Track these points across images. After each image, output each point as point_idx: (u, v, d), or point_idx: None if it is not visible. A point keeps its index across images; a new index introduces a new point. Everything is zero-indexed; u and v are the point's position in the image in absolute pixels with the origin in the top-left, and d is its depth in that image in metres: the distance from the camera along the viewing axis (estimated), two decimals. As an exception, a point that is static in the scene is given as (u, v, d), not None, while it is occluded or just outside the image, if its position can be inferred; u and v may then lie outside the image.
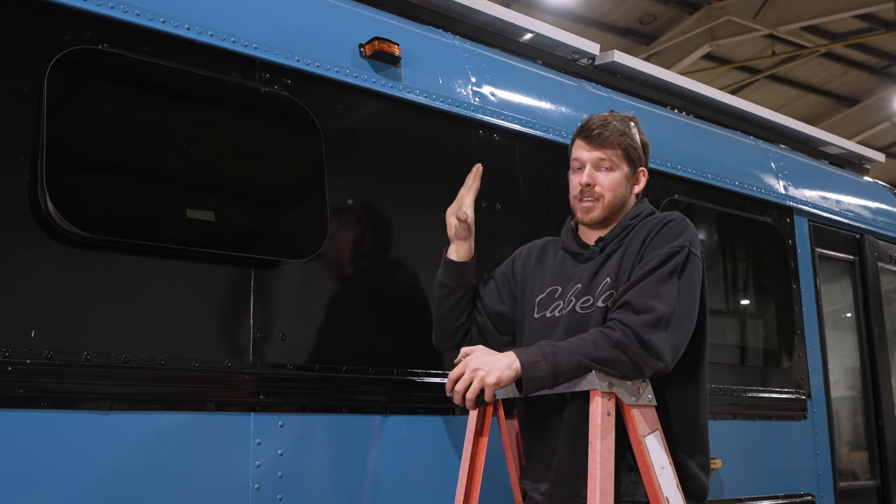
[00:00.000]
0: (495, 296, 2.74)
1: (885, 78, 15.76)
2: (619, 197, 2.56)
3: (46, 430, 2.19)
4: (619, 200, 2.56)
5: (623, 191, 2.57)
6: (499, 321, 2.73)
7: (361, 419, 2.77)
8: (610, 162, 2.54)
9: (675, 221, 2.48)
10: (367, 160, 2.95)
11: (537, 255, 2.72)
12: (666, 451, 2.37)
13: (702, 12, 13.39)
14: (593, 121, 2.58)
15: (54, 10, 2.38)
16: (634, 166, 2.59)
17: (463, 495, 2.50)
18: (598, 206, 2.55)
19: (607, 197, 2.54)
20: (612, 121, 2.57)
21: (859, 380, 4.85)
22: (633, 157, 2.57)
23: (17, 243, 2.23)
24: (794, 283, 4.38)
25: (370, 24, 3.13)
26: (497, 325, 2.73)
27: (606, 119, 2.57)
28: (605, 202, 2.54)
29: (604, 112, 2.64)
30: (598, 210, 2.55)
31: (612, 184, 2.55)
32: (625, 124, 2.58)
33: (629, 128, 2.59)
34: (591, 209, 2.55)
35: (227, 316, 2.57)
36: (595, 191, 2.54)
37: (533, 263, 2.70)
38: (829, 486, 4.34)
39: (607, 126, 2.55)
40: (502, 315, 2.72)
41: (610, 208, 2.55)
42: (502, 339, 2.70)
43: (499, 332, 2.72)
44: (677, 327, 2.33)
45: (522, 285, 2.69)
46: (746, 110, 4.93)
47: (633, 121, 2.63)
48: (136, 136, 2.50)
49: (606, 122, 2.56)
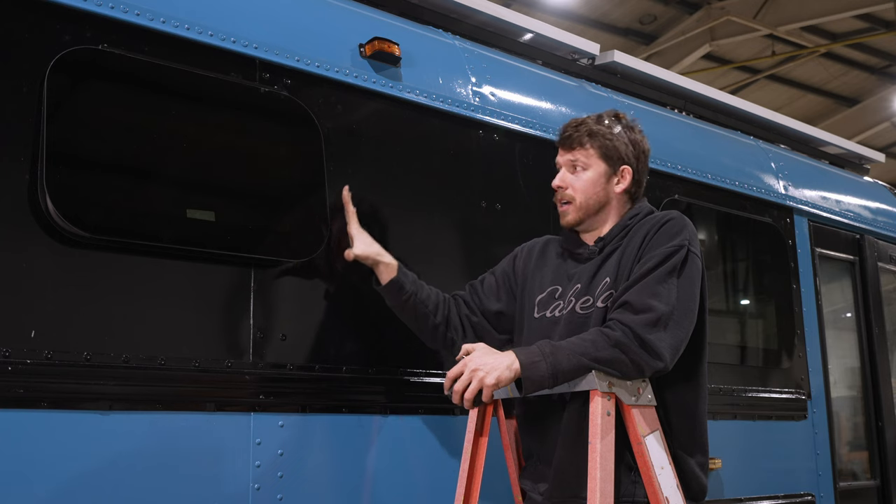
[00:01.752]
0: (493, 294, 2.74)
1: (885, 78, 15.76)
2: (594, 197, 2.55)
3: (46, 430, 2.19)
4: (594, 201, 2.55)
5: (598, 190, 2.55)
6: (496, 320, 2.72)
7: (361, 419, 2.77)
8: (582, 162, 2.55)
9: (673, 220, 2.48)
10: (367, 160, 2.95)
11: (538, 254, 2.72)
12: (666, 451, 2.37)
13: (702, 12, 13.39)
14: (568, 124, 2.60)
15: (54, 10, 2.38)
16: (615, 164, 2.56)
17: (463, 495, 2.50)
18: (570, 208, 2.56)
19: (578, 198, 2.55)
20: (587, 121, 2.57)
21: (859, 380, 4.85)
22: (611, 156, 2.55)
23: (17, 243, 2.22)
24: (794, 283, 4.38)
25: (370, 24, 3.13)
26: (495, 324, 2.72)
27: (582, 121, 2.59)
28: (577, 204, 2.55)
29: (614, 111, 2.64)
30: (571, 213, 2.56)
31: (583, 184, 2.55)
32: (607, 123, 2.56)
33: (609, 126, 2.56)
34: (565, 213, 2.58)
35: (227, 316, 2.57)
36: (566, 193, 2.56)
37: (534, 262, 2.70)
38: (829, 486, 4.34)
39: (579, 127, 2.56)
40: (501, 313, 2.72)
41: (584, 210, 2.55)
42: (500, 337, 2.70)
43: (497, 331, 2.72)
44: (676, 326, 2.33)
45: (523, 284, 2.69)
46: (746, 110, 4.93)
47: (621, 119, 2.60)
48: (136, 136, 2.50)
49: (580, 124, 2.57)
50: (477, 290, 2.78)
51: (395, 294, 2.70)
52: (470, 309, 2.75)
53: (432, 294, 2.74)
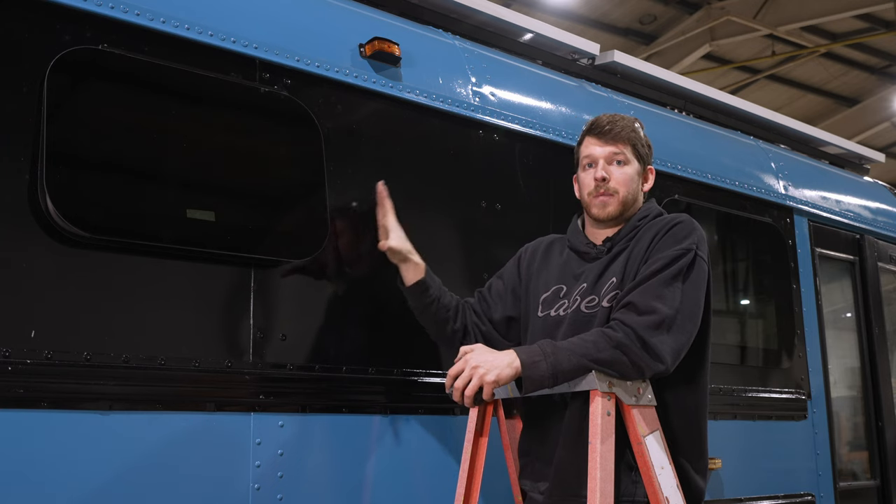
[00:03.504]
0: (501, 300, 2.73)
1: (885, 78, 15.76)
2: (633, 192, 2.58)
3: (46, 430, 2.19)
4: (632, 196, 2.58)
5: (636, 186, 2.59)
6: (506, 327, 2.73)
7: (361, 419, 2.77)
8: (623, 156, 2.57)
9: (682, 224, 2.49)
10: (367, 160, 2.95)
11: (543, 253, 2.72)
12: (666, 451, 2.37)
13: (702, 12, 13.39)
14: (603, 118, 2.61)
15: (54, 10, 2.38)
16: (644, 163, 2.62)
17: (463, 495, 2.50)
18: (613, 200, 2.55)
19: (622, 192, 2.55)
20: (620, 118, 2.61)
21: (859, 380, 4.85)
22: (641, 154, 2.61)
23: (17, 243, 2.22)
24: (794, 283, 4.38)
25: (370, 24, 3.13)
26: (504, 332, 2.73)
27: (615, 116, 2.62)
28: (621, 197, 2.55)
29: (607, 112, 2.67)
30: (613, 205, 2.55)
31: (626, 178, 2.56)
32: (633, 122, 2.62)
33: (636, 126, 2.63)
34: (607, 203, 2.55)
35: (227, 316, 2.57)
36: (610, 186, 2.55)
37: (538, 261, 2.70)
38: (829, 486, 4.34)
39: (617, 122, 2.58)
40: (510, 319, 2.72)
41: (624, 203, 2.56)
42: (509, 343, 2.69)
43: (506, 339, 2.72)
44: (679, 330, 2.33)
45: (527, 283, 2.69)
46: (746, 110, 4.93)
47: (638, 122, 2.67)
48: (137, 136, 2.50)
49: (616, 119, 2.60)
50: (485, 297, 2.77)
51: (418, 295, 2.70)
52: (478, 317, 2.75)
53: (453, 300, 2.75)
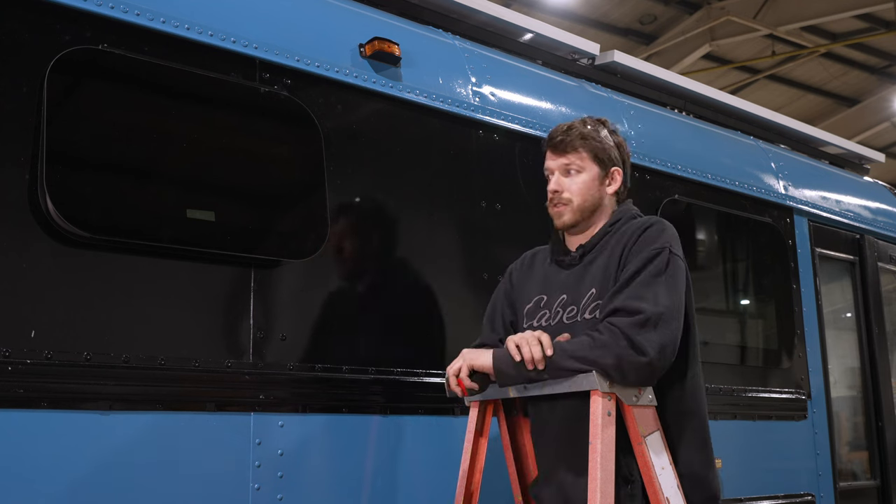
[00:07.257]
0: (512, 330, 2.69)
1: (885, 78, 15.75)
2: (591, 199, 2.59)
3: (46, 430, 2.19)
4: (590, 202, 2.59)
5: (594, 192, 2.59)
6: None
7: (361, 419, 2.77)
8: (576, 165, 2.58)
9: (653, 227, 2.50)
10: (367, 160, 2.95)
11: (527, 266, 2.73)
12: (666, 452, 2.36)
13: (702, 12, 13.39)
14: (557, 129, 2.63)
15: (54, 10, 2.38)
16: (606, 167, 2.60)
17: (463, 495, 2.50)
18: (567, 210, 2.58)
19: (576, 201, 2.58)
20: (575, 126, 2.61)
21: (859, 380, 4.85)
22: (602, 158, 2.59)
23: (17, 243, 2.23)
24: (794, 283, 4.38)
25: (370, 24, 3.13)
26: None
27: (571, 125, 2.62)
28: (575, 206, 2.58)
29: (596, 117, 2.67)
30: (568, 214, 2.58)
31: (580, 187, 2.58)
32: (592, 127, 2.61)
33: (597, 130, 2.61)
34: (561, 213, 2.59)
35: (227, 316, 2.57)
36: (563, 196, 2.58)
37: (523, 274, 2.71)
38: (829, 486, 4.34)
39: (569, 132, 2.59)
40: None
41: (580, 211, 2.58)
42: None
43: None
44: (665, 326, 2.34)
45: (518, 298, 2.68)
46: (746, 110, 4.93)
47: (604, 123, 2.66)
48: (136, 136, 2.50)
49: (569, 128, 2.61)
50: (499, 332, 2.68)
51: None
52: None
53: None
